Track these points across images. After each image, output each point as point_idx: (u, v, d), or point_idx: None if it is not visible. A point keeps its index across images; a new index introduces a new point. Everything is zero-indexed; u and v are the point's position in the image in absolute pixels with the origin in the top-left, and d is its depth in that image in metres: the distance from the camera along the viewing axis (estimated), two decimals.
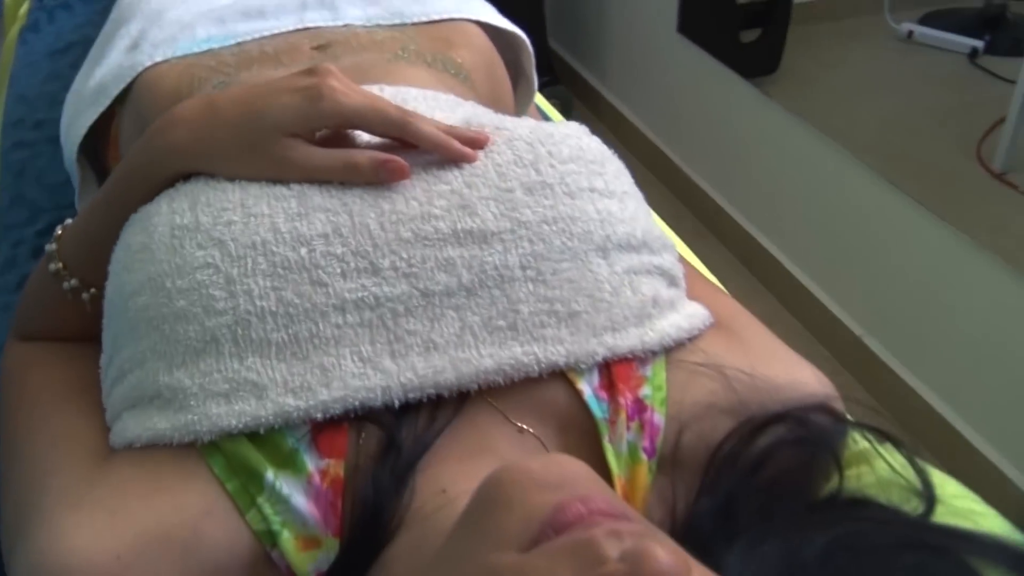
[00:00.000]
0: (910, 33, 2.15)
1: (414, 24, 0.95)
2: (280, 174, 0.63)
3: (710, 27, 2.38)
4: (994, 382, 1.72)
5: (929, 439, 1.86)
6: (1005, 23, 2.09)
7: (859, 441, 0.65)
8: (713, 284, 0.77)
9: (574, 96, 2.97)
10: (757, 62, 2.25)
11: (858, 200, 1.96)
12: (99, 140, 0.97)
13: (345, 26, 0.93)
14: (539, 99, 1.34)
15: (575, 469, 0.46)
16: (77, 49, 1.26)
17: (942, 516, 0.58)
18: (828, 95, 2.18)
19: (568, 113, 2.81)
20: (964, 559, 0.52)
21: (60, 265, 0.70)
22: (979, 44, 2.05)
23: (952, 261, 1.75)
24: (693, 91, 2.46)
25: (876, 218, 1.92)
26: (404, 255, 0.61)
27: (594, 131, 0.71)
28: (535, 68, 1.08)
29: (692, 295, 0.70)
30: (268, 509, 0.55)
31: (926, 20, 2.17)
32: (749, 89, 2.22)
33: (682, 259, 0.73)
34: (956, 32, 2.10)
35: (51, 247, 0.71)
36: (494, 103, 0.88)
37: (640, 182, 0.72)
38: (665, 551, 0.38)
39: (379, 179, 0.63)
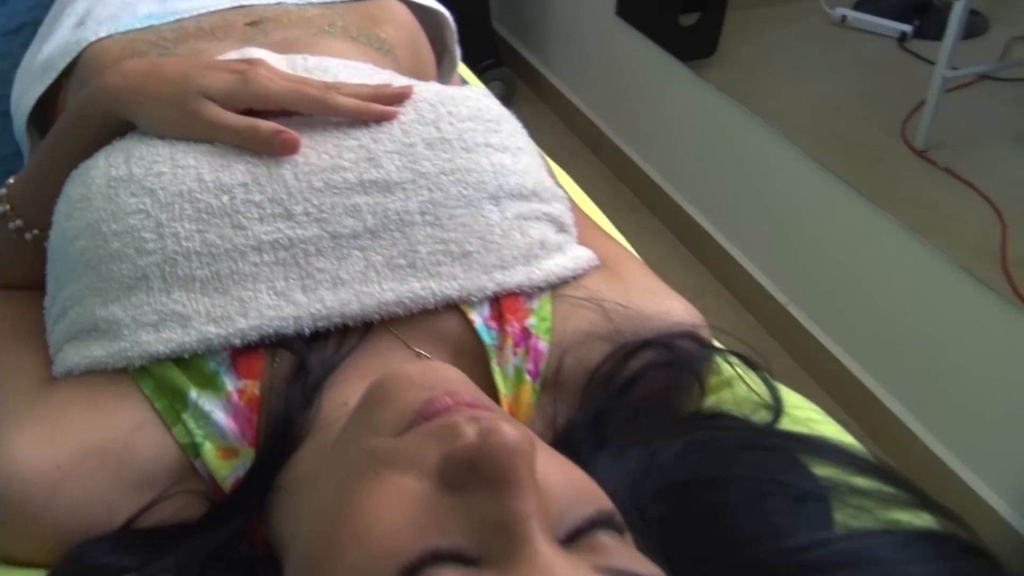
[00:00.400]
0: (843, 18, 2.21)
1: (343, 2, 1.02)
2: (188, 126, 0.69)
3: (649, 11, 2.42)
4: (907, 347, 1.80)
5: (845, 400, 1.94)
6: (932, 8, 2.16)
7: (725, 369, 0.73)
8: (605, 232, 0.84)
9: (518, 77, 3.00)
10: (695, 45, 2.30)
11: (786, 178, 2.02)
12: (47, 112, 1.02)
13: (278, 3, 0.99)
14: (466, 73, 1.41)
15: (448, 373, 0.54)
16: (28, 30, 1.30)
17: (785, 424, 0.67)
18: (763, 78, 2.24)
19: (512, 94, 2.86)
20: (797, 457, 0.60)
21: (7, 207, 0.76)
22: (908, 28, 2.12)
23: (872, 234, 1.82)
24: (631, 73, 2.52)
25: (803, 194, 1.99)
26: (315, 202, 0.68)
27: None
28: (458, 43, 1.15)
29: (584, 241, 0.78)
30: (192, 424, 0.62)
31: (859, 5, 2.23)
32: (685, 71, 2.27)
33: (577, 208, 0.80)
34: (887, 17, 2.16)
35: (0, 191, 0.77)
36: (417, 74, 0.95)
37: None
38: (512, 428, 0.45)
39: (273, 148, 0.68)
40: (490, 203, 0.71)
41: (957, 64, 1.75)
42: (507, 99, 2.83)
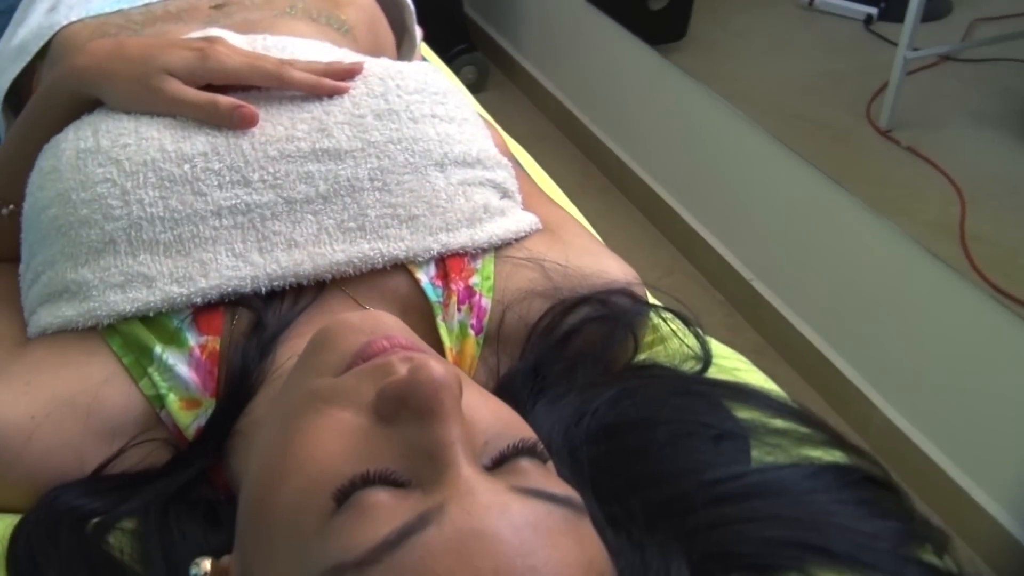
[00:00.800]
0: (811, 1, 2.24)
1: None
2: (151, 101, 0.73)
3: None
4: (868, 322, 1.85)
5: (809, 373, 1.99)
6: None
7: (660, 326, 0.78)
8: (549, 198, 0.88)
9: (490, 62, 3.01)
10: (665, 29, 2.33)
11: (752, 158, 2.06)
12: (22, 94, 1.06)
13: None
14: (431, 56, 1.45)
15: (386, 320, 0.58)
16: (4, 18, 1.35)
17: (712, 373, 0.72)
18: (732, 61, 2.27)
19: (484, 78, 2.88)
20: (721, 401, 0.65)
21: None
22: (874, 11, 2.13)
23: (835, 212, 1.87)
24: (602, 58, 2.55)
25: (768, 174, 2.03)
26: (271, 170, 0.72)
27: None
28: (417, 24, 1.19)
29: (529, 207, 0.82)
30: (157, 377, 0.67)
31: None
32: (654, 55, 2.30)
33: (526, 177, 0.85)
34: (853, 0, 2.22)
35: None
36: (375, 54, 0.99)
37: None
38: (439, 365, 0.49)
39: (232, 122, 0.72)
40: (436, 170, 0.75)
41: (920, 45, 1.78)
42: (480, 83, 2.86)
